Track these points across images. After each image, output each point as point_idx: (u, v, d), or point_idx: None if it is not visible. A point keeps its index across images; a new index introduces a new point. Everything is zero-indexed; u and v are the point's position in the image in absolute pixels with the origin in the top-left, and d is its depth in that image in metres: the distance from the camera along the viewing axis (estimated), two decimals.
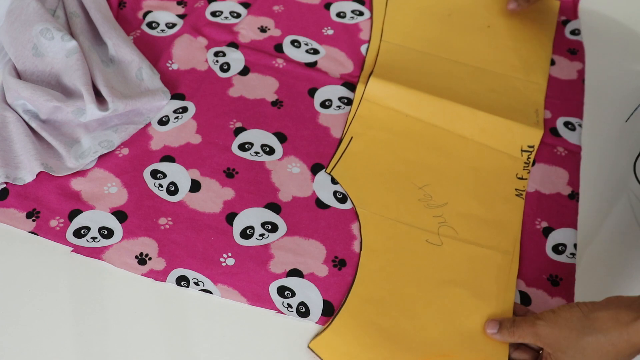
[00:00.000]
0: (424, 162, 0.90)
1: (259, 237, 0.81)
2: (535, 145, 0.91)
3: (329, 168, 0.88)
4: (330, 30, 1.04)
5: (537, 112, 0.96)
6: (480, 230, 0.84)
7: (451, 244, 0.83)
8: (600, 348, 0.65)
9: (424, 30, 1.05)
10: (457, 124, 0.93)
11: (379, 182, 0.88)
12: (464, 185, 0.88)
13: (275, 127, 0.91)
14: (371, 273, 0.79)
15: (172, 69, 0.97)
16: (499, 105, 0.95)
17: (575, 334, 0.66)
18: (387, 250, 0.81)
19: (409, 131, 0.93)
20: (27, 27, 0.89)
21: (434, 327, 0.76)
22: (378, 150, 0.91)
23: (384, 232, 0.83)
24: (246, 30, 1.02)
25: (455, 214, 0.85)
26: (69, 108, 0.86)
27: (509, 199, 0.87)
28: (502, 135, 0.92)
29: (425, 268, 0.80)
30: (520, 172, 0.90)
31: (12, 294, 0.75)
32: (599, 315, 0.66)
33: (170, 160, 0.87)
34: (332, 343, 0.74)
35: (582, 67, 1.03)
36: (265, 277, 0.78)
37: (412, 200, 0.86)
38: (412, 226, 0.84)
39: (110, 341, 0.73)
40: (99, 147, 0.86)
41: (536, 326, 0.69)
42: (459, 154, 0.91)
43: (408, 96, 0.94)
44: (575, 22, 1.10)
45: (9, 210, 0.81)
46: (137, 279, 0.77)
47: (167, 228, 0.81)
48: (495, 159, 0.91)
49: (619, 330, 0.64)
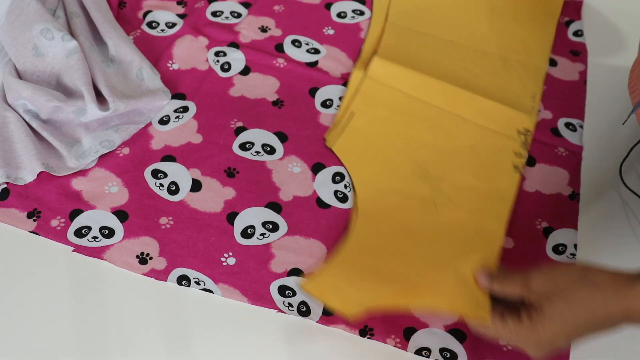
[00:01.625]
0: (423, 140, 0.92)
1: (259, 237, 0.81)
2: (531, 130, 0.93)
3: (329, 141, 0.90)
4: (331, 30, 1.04)
5: (534, 97, 0.97)
6: (475, 199, 0.86)
7: (446, 210, 0.84)
8: (591, 303, 0.61)
9: (428, 13, 1.06)
10: (456, 105, 0.94)
11: (378, 157, 0.89)
12: (461, 161, 0.90)
13: (276, 127, 0.91)
14: (364, 235, 0.80)
15: (173, 68, 0.97)
16: (497, 89, 0.97)
17: (570, 285, 0.62)
18: (380, 218, 0.83)
19: (410, 110, 0.95)
20: (28, 27, 0.89)
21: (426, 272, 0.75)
22: (378, 126, 0.93)
23: (380, 203, 0.84)
24: (247, 30, 1.02)
25: (451, 187, 0.87)
26: (69, 108, 0.86)
27: (506, 172, 0.89)
28: (499, 118, 0.93)
29: (419, 228, 0.82)
30: (518, 149, 0.91)
31: (13, 293, 0.75)
32: (598, 273, 0.63)
33: (171, 159, 0.87)
34: (322, 282, 0.73)
35: (584, 69, 1.03)
36: (266, 276, 0.78)
37: (410, 174, 0.88)
38: (407, 197, 0.85)
39: (111, 341, 0.73)
40: (99, 147, 0.86)
41: (530, 278, 0.65)
42: (458, 133, 0.93)
43: (410, 77, 0.96)
44: (579, 23, 1.10)
45: (9, 210, 0.81)
46: (138, 279, 0.77)
47: (168, 227, 0.81)
48: (493, 138, 0.92)
49: (615, 289, 0.60)
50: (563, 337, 0.63)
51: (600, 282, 0.61)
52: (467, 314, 0.69)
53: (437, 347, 0.74)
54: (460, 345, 0.74)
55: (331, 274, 0.74)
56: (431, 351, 0.74)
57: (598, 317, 0.61)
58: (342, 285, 0.73)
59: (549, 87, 1.00)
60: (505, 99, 0.95)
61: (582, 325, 0.62)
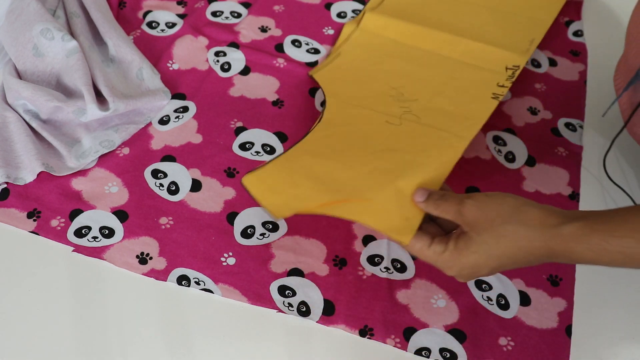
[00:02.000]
0: (404, 72, 0.94)
1: (259, 237, 0.81)
2: (520, 65, 0.94)
3: (313, 71, 0.94)
4: (331, 30, 1.04)
5: (532, 42, 0.99)
6: (442, 118, 0.84)
7: (409, 125, 0.83)
8: (516, 239, 0.62)
9: None
10: (446, 48, 0.97)
11: (355, 83, 0.92)
12: (439, 87, 0.91)
13: (276, 127, 0.91)
14: (320, 137, 0.81)
15: (173, 68, 0.97)
16: (492, 37, 0.99)
17: (499, 220, 0.63)
18: (343, 124, 0.83)
19: (396, 52, 0.98)
20: (28, 27, 0.89)
21: (365, 178, 0.74)
22: (362, 63, 0.96)
23: (347, 113, 0.86)
24: (247, 30, 1.02)
25: (422, 107, 0.86)
26: (69, 108, 0.86)
27: (484, 100, 0.88)
28: (487, 57, 0.95)
29: (375, 138, 0.81)
30: (502, 81, 0.91)
31: (13, 293, 0.75)
32: (529, 210, 0.63)
33: (171, 159, 0.87)
34: (262, 178, 0.73)
35: (584, 69, 1.04)
36: (266, 276, 0.78)
37: (384, 95, 0.89)
38: (375, 111, 0.86)
39: (111, 341, 0.73)
40: (99, 147, 0.86)
41: (463, 204, 0.65)
42: (441, 68, 0.95)
43: (401, 25, 1.00)
44: (579, 23, 1.10)
45: (9, 210, 0.81)
46: (138, 279, 0.77)
47: (168, 227, 0.81)
48: (476, 72, 0.94)
49: (541, 229, 0.61)
50: (485, 268, 0.64)
51: (529, 220, 0.62)
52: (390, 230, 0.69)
53: (437, 347, 0.74)
54: (460, 345, 0.74)
55: (272, 171, 0.74)
56: (431, 351, 0.74)
57: (521, 252, 0.63)
58: (278, 185, 0.73)
59: (548, 87, 1.01)
60: (499, 43, 0.97)
61: (504, 258, 0.63)
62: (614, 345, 0.76)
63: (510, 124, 0.95)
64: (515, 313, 0.77)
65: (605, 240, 0.59)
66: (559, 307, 0.78)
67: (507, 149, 0.92)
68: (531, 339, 0.75)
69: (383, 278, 0.79)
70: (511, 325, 0.76)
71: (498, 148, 0.92)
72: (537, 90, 1.00)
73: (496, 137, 0.93)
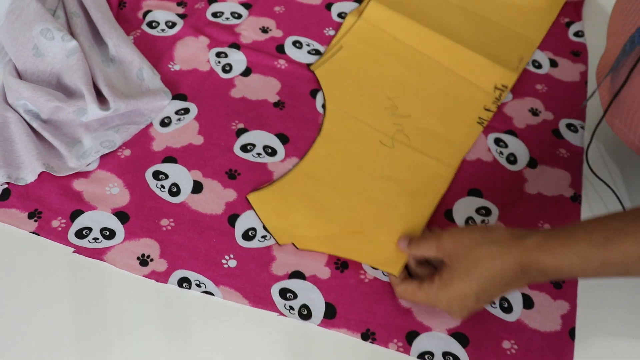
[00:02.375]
0: (400, 78, 0.98)
1: (261, 239, 0.81)
2: (508, 86, 0.98)
3: (314, 66, 0.97)
4: (332, 31, 1.04)
5: (521, 60, 1.02)
6: (432, 143, 0.91)
7: (400, 148, 0.90)
8: (490, 258, 0.66)
9: None
10: (441, 54, 1.01)
11: (354, 87, 0.96)
12: (431, 104, 0.96)
13: (277, 129, 0.91)
14: (320, 156, 0.88)
15: (174, 69, 0.96)
16: (485, 48, 1.02)
17: (473, 243, 0.68)
18: (340, 140, 0.90)
19: (395, 51, 1.01)
20: (28, 27, 0.88)
21: (360, 209, 0.83)
22: (361, 61, 1.00)
23: (344, 126, 0.91)
24: (248, 31, 1.02)
25: (414, 127, 0.93)
26: (70, 108, 0.85)
27: (470, 124, 0.94)
28: (480, 71, 0.99)
29: (369, 162, 0.88)
30: (489, 105, 0.97)
31: (14, 294, 0.75)
32: (497, 229, 0.69)
33: (172, 161, 0.87)
34: (266, 199, 0.82)
35: (585, 69, 1.03)
36: (267, 279, 0.78)
37: (379, 107, 0.94)
38: (370, 126, 0.92)
39: (111, 342, 0.72)
40: (100, 147, 0.86)
41: (440, 239, 0.71)
42: (435, 79, 0.99)
43: (402, 22, 1.02)
44: (579, 24, 1.10)
45: (10, 211, 0.81)
46: (139, 281, 0.77)
47: (169, 229, 0.81)
48: (467, 90, 0.98)
49: (509, 243, 0.66)
50: (471, 295, 0.68)
51: (498, 238, 0.67)
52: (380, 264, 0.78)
53: (440, 351, 0.74)
54: (462, 349, 0.74)
55: (275, 194, 0.83)
56: (434, 355, 0.74)
57: (497, 270, 0.67)
58: (281, 209, 0.82)
59: (549, 87, 1.00)
60: (491, 55, 1.00)
61: (483, 279, 0.67)
62: (617, 348, 0.76)
63: (512, 126, 0.95)
64: (518, 316, 0.77)
65: (562, 245, 0.63)
66: (562, 310, 0.78)
67: (508, 151, 0.92)
68: (534, 342, 0.75)
69: (385, 281, 0.78)
70: (514, 328, 0.76)
71: (500, 150, 0.92)
72: (538, 91, 1.00)
73: (497, 139, 0.93)
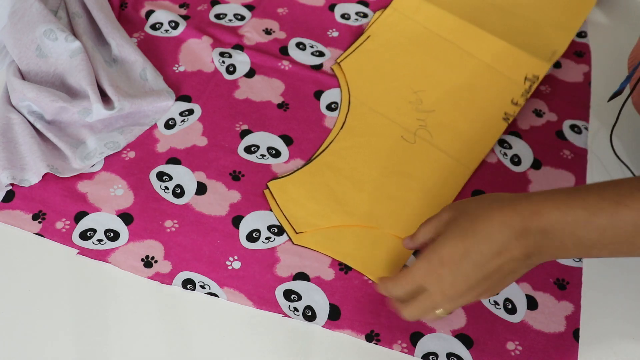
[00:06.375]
0: (427, 70, 0.97)
1: (265, 241, 0.81)
2: (540, 76, 0.95)
3: (340, 58, 0.98)
4: (335, 32, 1.04)
5: (555, 53, 1.00)
6: (453, 142, 0.91)
7: (422, 145, 0.90)
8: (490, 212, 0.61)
9: None
10: (471, 43, 0.99)
11: (379, 80, 0.96)
12: (456, 99, 0.95)
13: (281, 130, 0.91)
14: (341, 148, 0.89)
15: (179, 71, 0.96)
16: (518, 40, 0.99)
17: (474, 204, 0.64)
18: (363, 134, 0.90)
19: (423, 41, 1.00)
20: (31, 29, 0.88)
21: (376, 204, 0.84)
22: (389, 51, 0.99)
23: (367, 120, 0.92)
24: (251, 33, 1.02)
25: (437, 122, 0.92)
26: (74, 108, 0.86)
27: (494, 121, 0.93)
28: (510, 61, 0.97)
29: (389, 157, 0.88)
30: (517, 98, 0.95)
31: (18, 295, 0.75)
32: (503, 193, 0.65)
33: (176, 162, 0.87)
34: (286, 188, 0.84)
35: (588, 70, 1.03)
36: (272, 280, 0.78)
37: (404, 101, 0.94)
38: (394, 121, 0.92)
39: (115, 344, 0.72)
40: (104, 148, 0.86)
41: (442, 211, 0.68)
42: (462, 69, 0.97)
43: (432, 11, 1.02)
44: (582, 25, 1.09)
45: (15, 212, 0.81)
46: (143, 282, 0.77)
47: (173, 231, 0.81)
48: (495, 80, 0.96)
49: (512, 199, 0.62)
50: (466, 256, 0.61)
51: (503, 196, 0.64)
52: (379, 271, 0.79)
53: (444, 352, 0.74)
54: (467, 350, 0.74)
55: (295, 183, 0.84)
56: (438, 356, 0.74)
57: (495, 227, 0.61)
58: (301, 198, 0.83)
59: (553, 88, 1.00)
60: (524, 45, 0.98)
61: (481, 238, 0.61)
62: (622, 349, 0.76)
63: (516, 127, 0.95)
64: (522, 317, 0.77)
65: (569, 196, 0.60)
66: (566, 311, 0.78)
67: (512, 152, 0.92)
68: (539, 343, 0.75)
69: None
70: (519, 329, 0.76)
71: (504, 151, 0.92)
72: (541, 92, 1.00)
73: (502, 140, 0.93)
